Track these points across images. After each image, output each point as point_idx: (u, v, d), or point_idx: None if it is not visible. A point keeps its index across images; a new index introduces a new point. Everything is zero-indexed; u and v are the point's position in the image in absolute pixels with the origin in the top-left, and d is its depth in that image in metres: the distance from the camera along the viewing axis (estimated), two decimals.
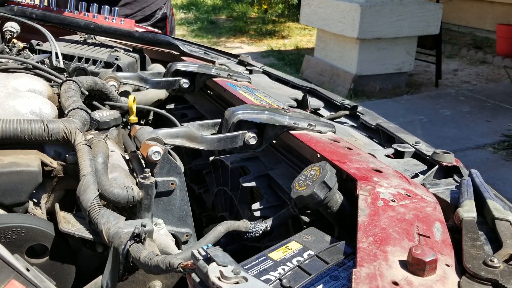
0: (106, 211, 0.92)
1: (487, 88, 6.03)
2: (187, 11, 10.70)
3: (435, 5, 5.94)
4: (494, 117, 5.02)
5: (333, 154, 1.07)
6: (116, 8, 2.15)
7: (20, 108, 1.13)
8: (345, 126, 1.48)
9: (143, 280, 0.94)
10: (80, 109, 1.15)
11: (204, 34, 9.00)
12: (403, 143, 1.28)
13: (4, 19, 2.00)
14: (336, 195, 0.95)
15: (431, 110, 5.24)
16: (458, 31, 8.37)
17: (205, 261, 0.68)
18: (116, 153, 1.19)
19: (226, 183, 1.32)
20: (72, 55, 1.87)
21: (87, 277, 0.96)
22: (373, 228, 0.79)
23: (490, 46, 7.43)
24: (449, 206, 0.98)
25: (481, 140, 4.47)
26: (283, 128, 1.21)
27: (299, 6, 6.79)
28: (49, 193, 1.06)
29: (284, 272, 0.77)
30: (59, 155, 1.07)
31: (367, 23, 5.53)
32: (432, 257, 0.68)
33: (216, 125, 1.26)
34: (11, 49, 1.80)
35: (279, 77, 1.89)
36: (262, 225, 1.02)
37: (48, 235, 0.94)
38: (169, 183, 1.08)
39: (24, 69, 1.44)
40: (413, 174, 1.12)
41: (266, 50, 8.08)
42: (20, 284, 0.71)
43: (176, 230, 1.13)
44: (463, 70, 6.88)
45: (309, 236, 0.89)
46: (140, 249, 0.81)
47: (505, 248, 0.77)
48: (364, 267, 0.68)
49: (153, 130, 1.11)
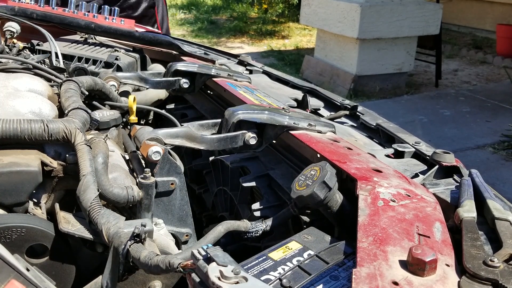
0: (106, 211, 0.92)
1: (487, 88, 6.03)
2: (187, 11, 10.70)
3: (435, 5, 5.94)
4: (494, 117, 5.02)
5: (333, 154, 1.07)
6: (116, 8, 2.15)
7: (20, 108, 1.13)
8: (345, 126, 1.48)
9: (143, 280, 0.94)
10: (80, 109, 1.15)
11: (204, 34, 9.00)
12: (403, 143, 1.28)
13: (4, 19, 2.01)
14: (336, 195, 0.95)
15: (431, 110, 5.24)
16: (458, 31, 8.36)
17: (205, 261, 0.68)
18: (116, 153, 1.19)
19: (226, 183, 1.32)
20: (72, 55, 1.87)
21: (87, 277, 0.96)
22: (373, 228, 0.79)
23: (490, 46, 7.43)
24: (449, 206, 0.97)
25: (481, 140, 4.47)
26: (283, 128, 1.21)
27: (299, 6, 6.79)
28: (49, 193, 1.06)
29: (284, 272, 0.77)
30: (59, 155, 1.07)
31: (367, 23, 5.53)
32: (432, 257, 0.68)
33: (216, 125, 1.26)
34: (11, 49, 1.80)
35: (279, 77, 1.89)
36: (262, 225, 1.02)
37: (48, 235, 0.94)
38: (169, 183, 1.08)
39: (24, 69, 1.44)
40: (413, 174, 1.12)
41: (266, 50, 8.08)
42: (20, 284, 0.71)
43: (176, 230, 1.13)
44: (463, 70, 6.88)
45: (309, 236, 0.89)
46: (140, 249, 0.81)
47: (505, 248, 0.77)
48: (364, 267, 0.68)
49: (153, 130, 1.11)
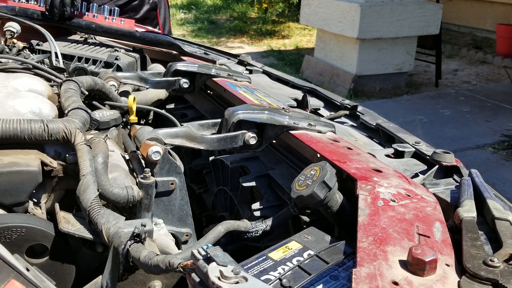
0: (106, 211, 0.92)
1: (487, 88, 6.03)
2: (187, 11, 10.70)
3: (435, 5, 5.94)
4: (494, 117, 5.02)
5: (333, 154, 1.06)
6: (116, 8, 2.15)
7: (20, 108, 1.13)
8: (345, 126, 1.48)
9: (143, 280, 0.94)
10: (80, 109, 1.15)
11: (204, 34, 9.00)
12: (403, 143, 1.28)
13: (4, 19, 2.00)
14: (336, 195, 0.95)
15: (431, 110, 5.24)
16: (458, 31, 8.37)
17: (205, 261, 0.68)
18: (116, 153, 1.19)
19: (226, 183, 1.32)
20: (72, 55, 1.87)
21: (87, 277, 0.96)
22: (373, 228, 0.79)
23: (490, 46, 7.43)
24: (449, 206, 0.97)
25: (481, 140, 4.47)
26: (283, 128, 1.21)
27: (299, 6, 6.79)
28: (49, 193, 1.06)
29: (284, 272, 0.77)
30: (59, 155, 1.07)
31: (367, 23, 5.53)
32: (432, 257, 0.68)
33: (216, 125, 1.26)
34: (11, 49, 1.80)
35: (279, 77, 1.89)
36: (262, 225, 1.02)
37: (48, 235, 0.94)
38: (169, 183, 1.08)
39: (24, 69, 1.44)
40: (413, 174, 1.12)
41: (266, 50, 8.08)
42: (20, 284, 0.71)
43: (176, 230, 1.12)
44: (463, 70, 6.88)
45: (309, 236, 0.89)
46: (140, 249, 0.81)
47: (505, 248, 0.77)
48: (364, 267, 0.68)
49: (153, 130, 1.11)
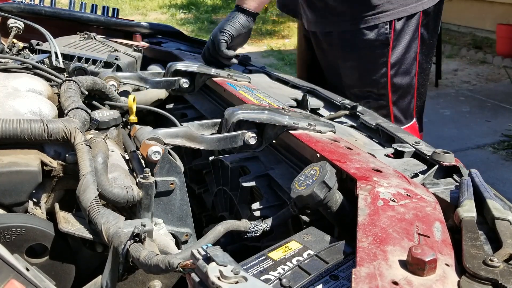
0: (105, 211, 0.92)
1: (487, 88, 6.03)
2: (187, 11, 10.70)
3: None
4: (494, 117, 5.02)
5: (333, 154, 1.06)
6: (116, 8, 2.15)
7: (20, 108, 1.13)
8: (345, 126, 1.48)
9: (143, 280, 0.94)
10: (80, 109, 1.15)
11: (204, 34, 8.99)
12: (403, 143, 1.28)
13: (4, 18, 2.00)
14: (336, 195, 0.95)
15: (431, 110, 5.23)
16: (458, 31, 8.36)
17: (204, 261, 0.68)
18: (116, 153, 1.18)
19: (226, 183, 1.32)
20: (72, 55, 1.87)
21: (87, 277, 0.96)
22: (373, 227, 0.79)
23: (490, 46, 7.42)
24: (449, 206, 0.97)
25: (481, 140, 4.47)
26: (283, 128, 1.21)
27: None
28: (49, 193, 1.06)
29: (284, 272, 0.77)
30: (59, 155, 1.07)
31: None
32: (432, 256, 0.68)
33: (216, 125, 1.26)
34: (11, 49, 1.80)
35: (279, 77, 1.89)
36: (262, 225, 1.02)
37: (48, 235, 0.94)
38: (169, 183, 1.08)
39: (24, 69, 1.44)
40: (413, 174, 1.12)
41: (266, 50, 8.08)
42: (19, 284, 0.71)
43: (176, 230, 1.12)
44: (463, 70, 6.87)
45: (309, 235, 0.89)
46: (139, 248, 0.81)
47: (505, 248, 0.77)
48: (363, 267, 0.68)
49: (153, 130, 1.11)
